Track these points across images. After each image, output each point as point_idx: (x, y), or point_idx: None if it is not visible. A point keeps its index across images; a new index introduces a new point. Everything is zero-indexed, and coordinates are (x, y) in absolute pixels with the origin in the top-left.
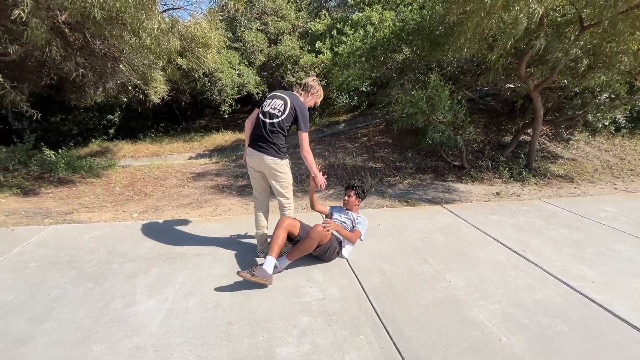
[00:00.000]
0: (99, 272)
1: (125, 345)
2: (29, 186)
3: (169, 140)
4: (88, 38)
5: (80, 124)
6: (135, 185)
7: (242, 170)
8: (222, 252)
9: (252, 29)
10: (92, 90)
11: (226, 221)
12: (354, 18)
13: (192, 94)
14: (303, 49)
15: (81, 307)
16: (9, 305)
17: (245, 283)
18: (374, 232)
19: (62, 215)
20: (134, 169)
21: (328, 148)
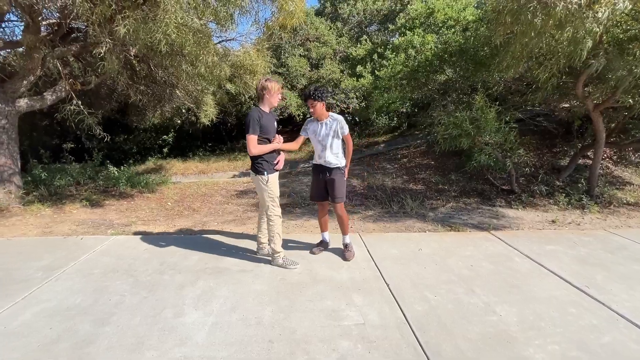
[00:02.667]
0: (153, 282)
1: (174, 354)
2: (95, 199)
3: (215, 159)
4: (152, 68)
5: (139, 143)
6: (185, 201)
7: (282, 189)
8: (264, 269)
9: (295, 55)
10: (151, 113)
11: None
12: (396, 42)
13: (237, 115)
14: (343, 72)
15: (137, 314)
16: (77, 307)
17: (285, 302)
18: (416, 257)
19: (122, 226)
20: (184, 186)
21: (367, 169)
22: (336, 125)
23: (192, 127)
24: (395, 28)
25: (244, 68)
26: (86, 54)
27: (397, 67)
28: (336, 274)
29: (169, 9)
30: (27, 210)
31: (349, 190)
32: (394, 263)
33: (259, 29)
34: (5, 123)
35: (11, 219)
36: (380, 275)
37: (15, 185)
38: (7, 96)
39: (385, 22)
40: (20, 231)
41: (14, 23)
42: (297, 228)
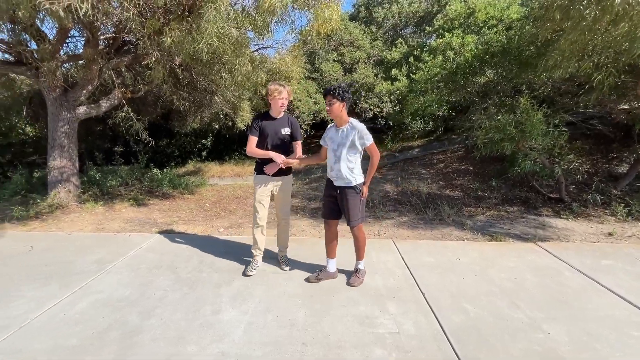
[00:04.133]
0: (193, 279)
1: (212, 349)
2: (141, 199)
3: (249, 163)
4: (193, 76)
5: (180, 147)
6: (222, 203)
7: (315, 192)
8: (296, 272)
9: (329, 60)
10: (191, 119)
11: (299, 242)
12: (433, 44)
13: None
14: (377, 76)
15: (179, 309)
16: (126, 299)
17: (318, 305)
18: (453, 267)
19: (165, 225)
20: (221, 188)
21: (401, 174)
22: (354, 135)
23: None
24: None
25: (279, 74)
26: (136, 65)
27: (434, 69)
28: (370, 280)
29: (211, 19)
30: (83, 208)
31: (381, 195)
32: (430, 272)
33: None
34: (67, 128)
35: (70, 216)
36: (415, 284)
37: (73, 185)
38: (69, 104)
39: (422, 24)
40: (77, 227)
41: (77, 38)
42: None
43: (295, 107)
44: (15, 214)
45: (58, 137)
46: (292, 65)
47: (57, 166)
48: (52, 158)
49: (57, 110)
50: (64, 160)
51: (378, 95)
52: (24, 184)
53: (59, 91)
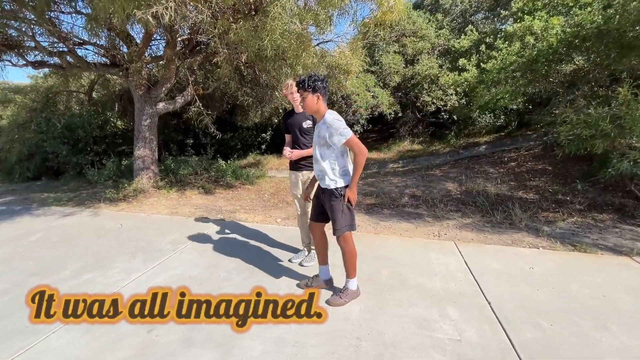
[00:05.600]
0: (253, 265)
1: (270, 333)
2: (208, 187)
3: None
4: (256, 72)
5: (242, 140)
6: (279, 194)
7: (370, 188)
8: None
9: (390, 52)
10: (253, 113)
11: (354, 237)
12: (509, 30)
13: None
14: (442, 67)
15: (241, 291)
16: (196, 278)
17: (372, 302)
18: (525, 277)
19: (228, 213)
20: (278, 180)
21: (465, 172)
22: (324, 132)
23: None
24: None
25: (338, 68)
26: (206, 63)
27: (510, 57)
28: (428, 281)
29: (277, 17)
30: (160, 193)
31: (442, 194)
32: (497, 279)
33: (355, 27)
34: (149, 122)
35: (150, 199)
36: (479, 290)
37: (153, 172)
38: (151, 100)
39: (495, 9)
40: (156, 209)
41: (157, 41)
42: (384, 229)
43: (353, 101)
44: (108, 195)
45: (142, 130)
46: (352, 59)
47: (141, 155)
48: (137, 148)
49: (142, 105)
50: (146, 150)
51: (442, 87)
52: (114, 170)
53: (144, 89)
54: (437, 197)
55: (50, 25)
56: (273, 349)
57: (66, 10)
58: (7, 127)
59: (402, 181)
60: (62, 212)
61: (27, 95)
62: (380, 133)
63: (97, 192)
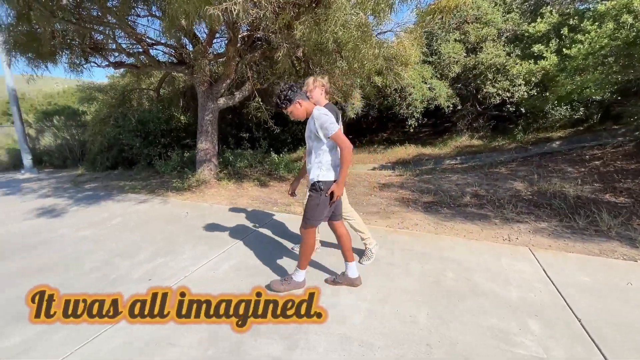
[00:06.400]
0: (313, 258)
1: (335, 329)
2: (263, 180)
3: (355, 151)
4: (310, 67)
5: (292, 134)
6: None
7: (427, 185)
8: (414, 267)
9: (450, 40)
10: None
11: (414, 236)
12: (600, 9)
13: (379, 108)
14: (510, 55)
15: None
16: (256, 267)
17: (441, 308)
18: (622, 293)
19: (283, 205)
20: None
21: (537, 171)
22: (312, 126)
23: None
24: None
25: (396, 59)
26: (262, 59)
27: (601, 40)
28: (502, 289)
29: (340, 7)
30: (220, 184)
31: (510, 194)
32: (587, 294)
33: (416, 15)
34: (211, 117)
35: (211, 190)
36: (565, 305)
37: (214, 164)
38: (213, 96)
39: None
40: (216, 200)
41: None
42: (446, 230)
43: (408, 93)
44: (175, 185)
45: (204, 124)
46: (411, 49)
47: (203, 148)
48: (200, 141)
49: (204, 101)
50: (208, 143)
51: (510, 77)
52: (179, 162)
53: (206, 85)
54: (504, 197)
55: (129, 29)
56: (339, 347)
57: (142, 13)
58: (91, 121)
59: (462, 179)
60: (136, 198)
61: (107, 93)
62: (433, 127)
63: (164, 182)
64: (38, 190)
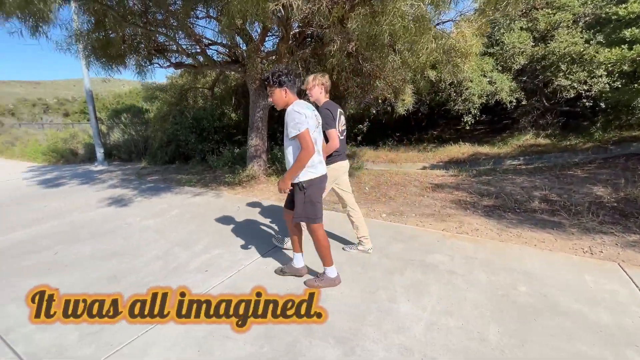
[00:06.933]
0: (364, 259)
1: (393, 339)
2: None
3: (404, 149)
4: (359, 62)
5: None
6: (380, 188)
7: (486, 187)
8: (478, 277)
9: (515, 28)
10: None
11: (474, 242)
12: None
13: (430, 104)
14: (590, 43)
15: (355, 288)
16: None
17: (513, 325)
18: None
19: (331, 204)
20: (377, 173)
21: (623, 174)
22: (286, 122)
23: (385, 117)
24: None
25: (455, 51)
26: (312, 56)
27: None
28: (588, 311)
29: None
30: (268, 180)
31: (590, 200)
32: None
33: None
34: (262, 114)
35: (260, 185)
36: None
37: (263, 160)
38: (264, 94)
39: None
40: (265, 195)
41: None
42: (513, 237)
43: (465, 88)
44: (227, 179)
45: (255, 121)
46: (472, 40)
47: (253, 145)
48: (251, 138)
49: (256, 99)
50: (258, 140)
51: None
52: (230, 157)
53: (258, 83)
54: (581, 203)
55: (189, 30)
56: (400, 358)
57: (200, 15)
58: (153, 119)
59: (529, 181)
60: (192, 191)
61: (167, 92)
62: (490, 124)
63: (217, 176)
64: (108, 181)
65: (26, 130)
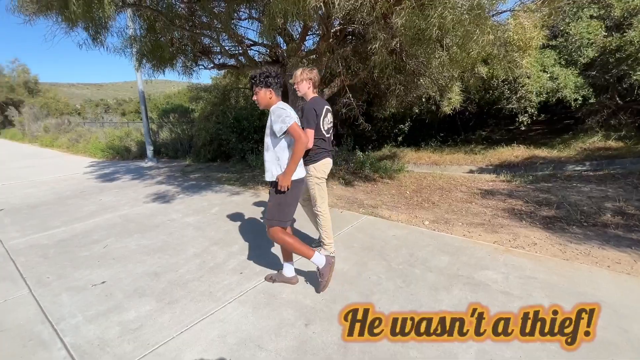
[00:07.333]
0: (405, 272)
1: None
2: (348, 179)
3: (448, 151)
4: (402, 59)
5: (378, 131)
6: (422, 192)
7: (545, 196)
8: (538, 301)
9: (583, 17)
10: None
11: (533, 258)
12: None
13: (480, 103)
14: None
15: (395, 302)
16: (346, 275)
17: None
18: None
19: (370, 207)
20: (419, 175)
21: None
22: (270, 120)
23: (429, 116)
24: None
25: (511, 44)
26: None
27: None
28: None
29: None
30: None
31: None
32: None
33: None
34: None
35: None
36: None
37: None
38: None
39: None
40: None
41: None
42: (579, 256)
43: (521, 84)
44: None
45: None
46: (533, 31)
47: None
48: None
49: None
50: None
51: None
52: None
53: None
54: None
55: (232, 31)
56: None
57: (243, 16)
58: (197, 118)
59: (598, 190)
60: (231, 190)
61: (210, 92)
62: (548, 125)
63: (255, 175)
64: (155, 177)
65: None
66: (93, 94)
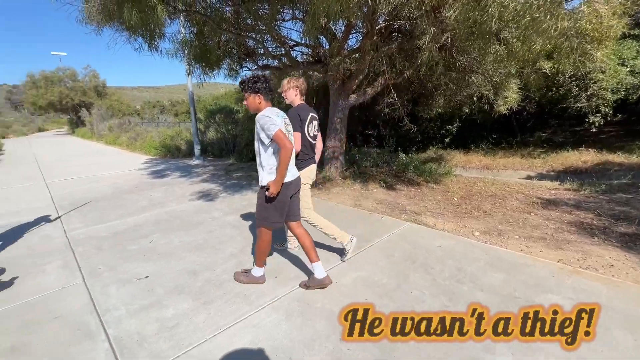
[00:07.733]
0: (452, 289)
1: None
2: (389, 182)
3: (502, 154)
4: (452, 55)
5: (423, 132)
6: (472, 199)
7: (622, 208)
8: (617, 337)
9: None
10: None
11: (608, 283)
12: None
13: (540, 102)
14: None
15: None
16: (383, 286)
17: None
18: None
19: (413, 214)
20: (468, 181)
21: None
22: (256, 127)
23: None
24: None
25: (583, 35)
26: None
27: None
28: None
29: None
30: (344, 183)
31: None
32: None
33: None
34: (341, 115)
35: (335, 189)
36: None
37: (340, 162)
38: (344, 93)
39: None
40: (340, 199)
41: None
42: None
43: (593, 81)
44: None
45: (334, 122)
46: (611, 19)
47: (332, 146)
48: (329, 139)
49: (336, 98)
50: (336, 141)
51: None
52: None
53: (339, 82)
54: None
55: (275, 33)
56: None
57: (286, 17)
58: (241, 118)
59: None
60: None
61: None
62: (625, 125)
63: None
64: (201, 175)
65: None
66: (151, 96)
